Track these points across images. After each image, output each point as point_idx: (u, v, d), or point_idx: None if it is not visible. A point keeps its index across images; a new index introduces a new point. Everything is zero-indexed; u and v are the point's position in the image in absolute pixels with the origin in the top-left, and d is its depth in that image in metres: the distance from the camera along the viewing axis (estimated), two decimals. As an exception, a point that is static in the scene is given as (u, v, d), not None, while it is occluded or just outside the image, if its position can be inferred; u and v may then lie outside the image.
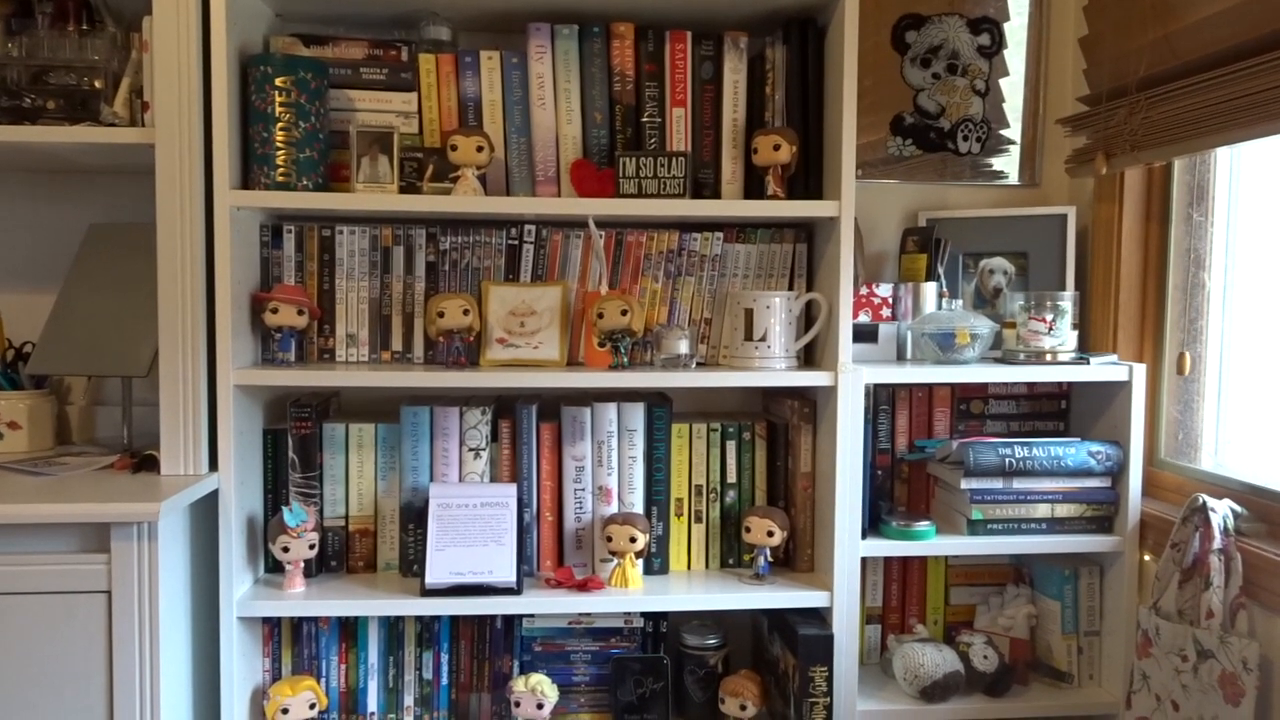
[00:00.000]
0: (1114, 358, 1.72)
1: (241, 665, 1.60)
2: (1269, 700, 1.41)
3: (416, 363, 1.73)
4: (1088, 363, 1.69)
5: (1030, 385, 1.83)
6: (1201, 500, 1.47)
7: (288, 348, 1.65)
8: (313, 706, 1.64)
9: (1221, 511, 1.46)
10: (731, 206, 1.63)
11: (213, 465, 1.56)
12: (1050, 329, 1.70)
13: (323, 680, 1.71)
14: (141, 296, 1.67)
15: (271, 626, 1.71)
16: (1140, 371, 1.67)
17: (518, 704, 1.66)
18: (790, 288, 1.77)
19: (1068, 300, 1.69)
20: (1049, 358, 1.70)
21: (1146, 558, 1.68)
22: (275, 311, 1.62)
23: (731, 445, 1.77)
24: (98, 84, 1.60)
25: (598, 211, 1.61)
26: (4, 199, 1.83)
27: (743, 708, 1.67)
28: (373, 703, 1.74)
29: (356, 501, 1.72)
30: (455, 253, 1.73)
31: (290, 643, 1.71)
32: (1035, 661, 1.79)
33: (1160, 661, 1.50)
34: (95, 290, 1.71)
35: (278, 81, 1.56)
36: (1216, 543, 1.44)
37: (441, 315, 1.64)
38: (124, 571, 1.37)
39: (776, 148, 1.63)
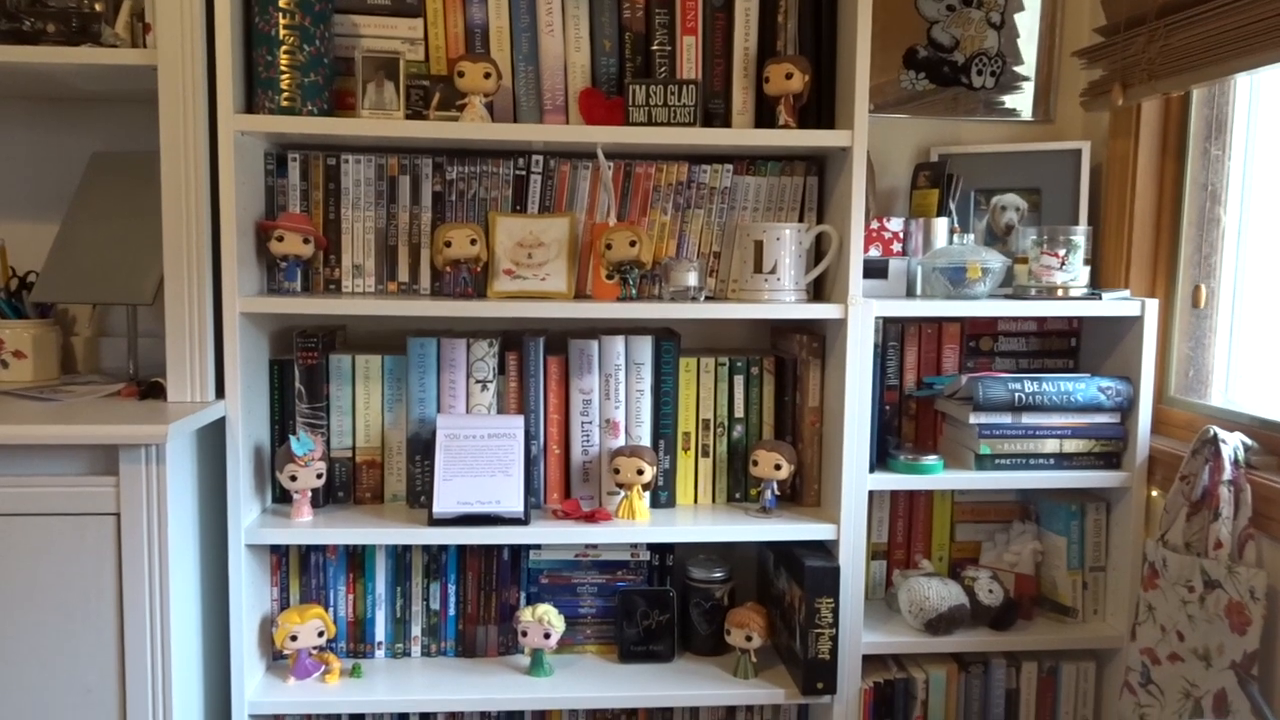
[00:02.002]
0: (1126, 293, 1.71)
1: (250, 593, 1.60)
2: (1275, 628, 1.41)
3: (423, 294, 1.71)
4: (1099, 298, 1.67)
5: (1040, 323, 1.82)
6: (1213, 432, 1.46)
7: (293, 277, 1.64)
8: (321, 635, 1.65)
9: (1232, 443, 1.45)
10: (743, 136, 1.61)
11: (219, 393, 1.56)
12: (1063, 264, 1.68)
13: (330, 610, 1.72)
14: (145, 225, 1.66)
15: (279, 556, 1.71)
16: (1152, 307, 1.66)
17: (524, 634, 1.67)
18: (800, 222, 1.75)
19: (1081, 235, 1.68)
20: (1061, 293, 1.68)
21: (1154, 493, 1.68)
22: (281, 240, 1.60)
23: (739, 380, 1.76)
24: (98, 6, 1.57)
25: (607, 140, 1.59)
26: (5, 128, 1.81)
27: (748, 639, 1.68)
28: (380, 633, 1.75)
29: (363, 433, 1.72)
30: (462, 183, 1.71)
31: (298, 572, 1.72)
32: (1040, 597, 1.79)
33: (1166, 593, 1.50)
34: (98, 219, 1.69)
35: (281, 3, 1.53)
36: (1227, 474, 1.43)
37: (448, 245, 1.62)
38: (132, 494, 1.37)
39: (789, 76, 1.61)
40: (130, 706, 1.40)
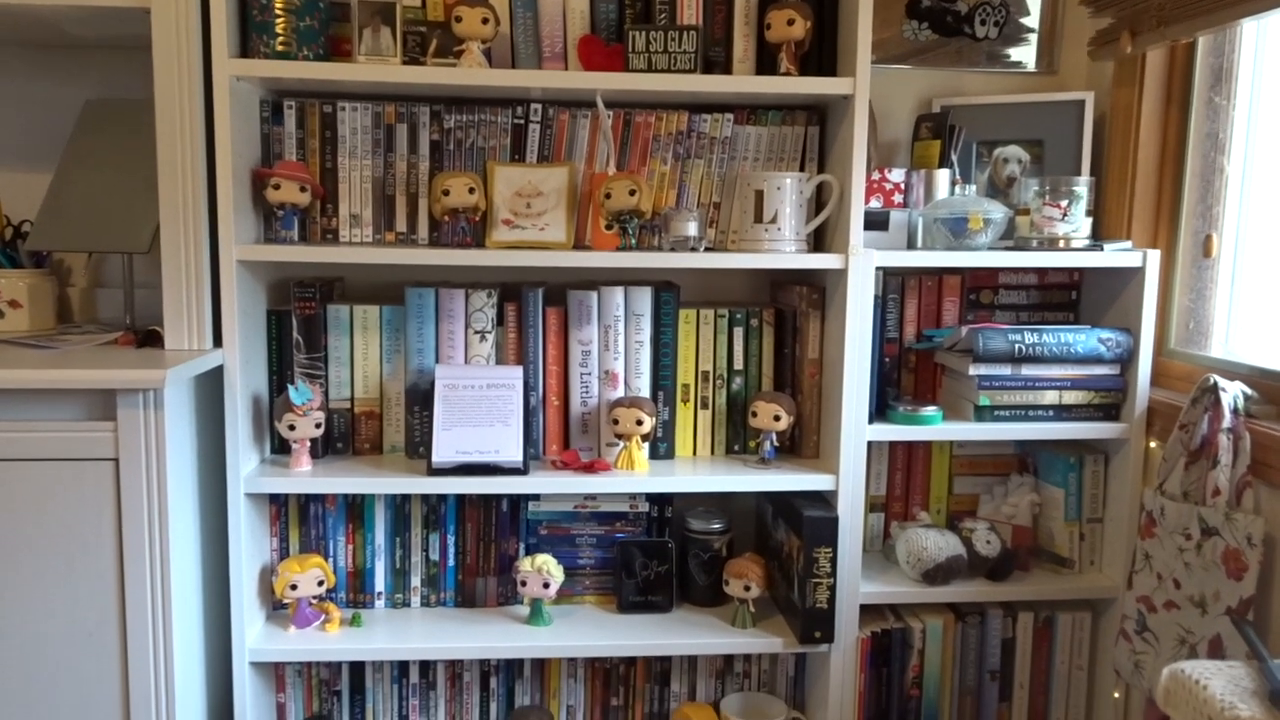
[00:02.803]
0: (1128, 244, 1.70)
1: (250, 543, 1.61)
2: (1271, 574, 1.42)
3: (421, 244, 1.70)
4: (1101, 249, 1.66)
5: (1040, 275, 1.81)
6: (1213, 380, 1.46)
7: (290, 225, 1.62)
8: (321, 584, 1.66)
9: (1232, 392, 1.45)
10: (744, 83, 1.59)
11: (216, 342, 1.55)
12: (1065, 215, 1.67)
13: (330, 561, 1.73)
14: (140, 174, 1.64)
15: (278, 507, 1.71)
16: (1154, 258, 1.65)
17: (524, 583, 1.68)
18: (801, 171, 1.74)
19: (1083, 185, 1.66)
20: (1062, 244, 1.67)
21: (1152, 444, 1.68)
22: (277, 188, 1.59)
23: (739, 332, 1.76)
24: (89, -52, 1.54)
25: (606, 87, 1.58)
26: (-4, 75, 1.79)
27: (746, 589, 1.69)
28: (380, 583, 1.75)
29: (362, 384, 1.71)
30: (460, 131, 1.69)
31: (297, 523, 1.72)
32: (1037, 548, 1.80)
33: (1163, 541, 1.51)
34: (92, 168, 1.67)
35: (276, -55, 1.50)
36: (1226, 422, 1.43)
37: (446, 193, 1.61)
38: (131, 439, 1.37)
39: (790, 22, 1.59)
40: (131, 650, 1.40)
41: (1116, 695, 1.73)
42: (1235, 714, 1.04)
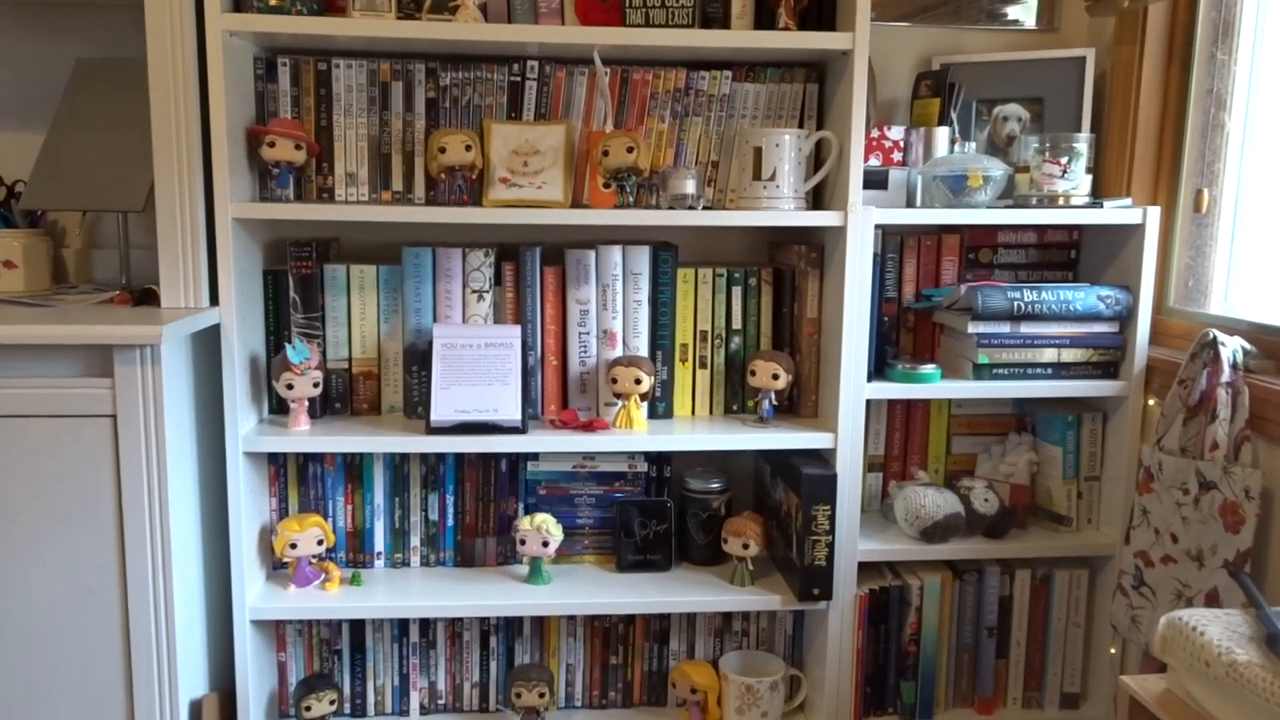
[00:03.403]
0: (1128, 201, 1.69)
1: (249, 502, 1.61)
2: (1268, 527, 1.43)
3: (418, 203, 1.69)
4: (1101, 206, 1.66)
5: (1040, 234, 1.80)
6: (1212, 335, 1.46)
7: (286, 184, 1.61)
8: (320, 543, 1.66)
9: (1232, 346, 1.45)
10: (742, 38, 1.57)
11: (213, 301, 1.54)
12: (1064, 172, 1.66)
13: (330, 521, 1.73)
14: (133, 132, 1.63)
15: (277, 467, 1.71)
16: (1154, 214, 1.64)
17: (523, 542, 1.68)
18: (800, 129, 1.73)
19: (1083, 142, 1.66)
20: (1062, 202, 1.67)
21: (1150, 402, 1.68)
22: (272, 145, 1.58)
23: (737, 291, 1.75)
24: (79, -99, 1.53)
25: (603, 42, 1.56)
26: (-13, 34, 1.77)
27: (745, 546, 1.69)
28: (379, 543, 1.76)
29: (359, 344, 1.71)
30: (456, 89, 1.68)
31: (296, 483, 1.72)
32: (1034, 506, 1.81)
33: (1161, 496, 1.51)
34: (86, 127, 1.66)
35: (268, -103, 1.48)
36: (1225, 376, 1.43)
37: (443, 151, 1.60)
38: (128, 396, 1.36)
39: (789, -24, 1.57)
40: (132, 606, 1.41)
41: (1113, 651, 1.74)
42: (1232, 658, 1.04)
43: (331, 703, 1.68)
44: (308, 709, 1.66)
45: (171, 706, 1.46)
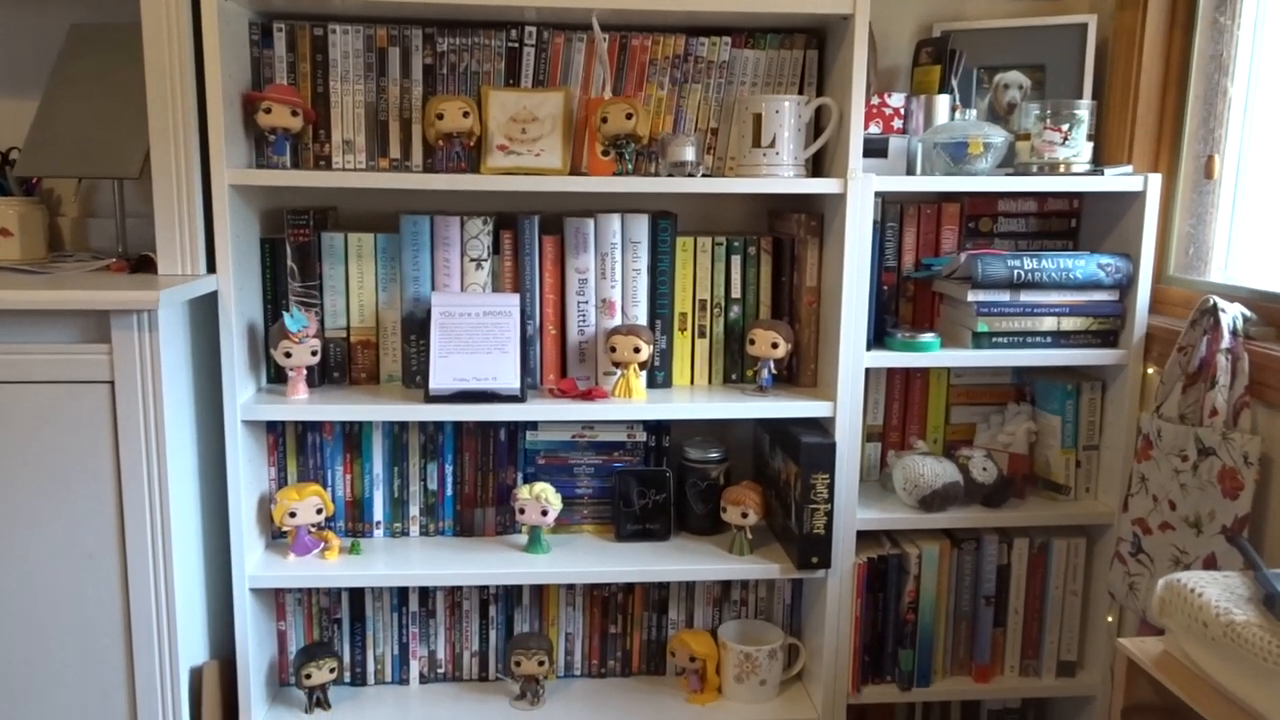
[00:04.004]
0: (1129, 169, 1.68)
1: (248, 471, 1.61)
2: (1267, 493, 1.43)
3: (416, 170, 1.68)
4: (1102, 174, 1.65)
5: (1040, 203, 1.79)
6: (1212, 301, 1.46)
7: (283, 151, 1.60)
8: (319, 512, 1.66)
9: (1232, 313, 1.45)
10: (741, 2, 1.56)
11: (210, 269, 1.54)
12: (1065, 139, 1.65)
13: (329, 490, 1.73)
14: (128, 99, 1.62)
15: (276, 436, 1.71)
16: (1155, 181, 1.64)
17: (522, 511, 1.68)
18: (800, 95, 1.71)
19: (1085, 109, 1.65)
20: (1063, 169, 1.66)
21: (1150, 371, 1.68)
22: (269, 112, 1.56)
23: (736, 260, 1.75)
24: None
25: (602, 6, 1.55)
26: (-21, 1, 1.75)
27: (744, 515, 1.70)
28: (379, 513, 1.76)
29: (358, 313, 1.70)
30: (453, 55, 1.66)
31: (295, 452, 1.72)
32: (1033, 475, 1.81)
33: (1160, 463, 1.51)
34: (80, 93, 1.65)
35: None
36: (1225, 343, 1.43)
37: (441, 117, 1.59)
38: (126, 361, 1.36)
39: (789, -60, 1.55)
40: (131, 572, 1.41)
41: (1110, 619, 1.75)
42: (1230, 618, 1.04)
43: (331, 671, 1.69)
44: (308, 677, 1.67)
45: (172, 673, 1.46)
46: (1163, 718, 1.19)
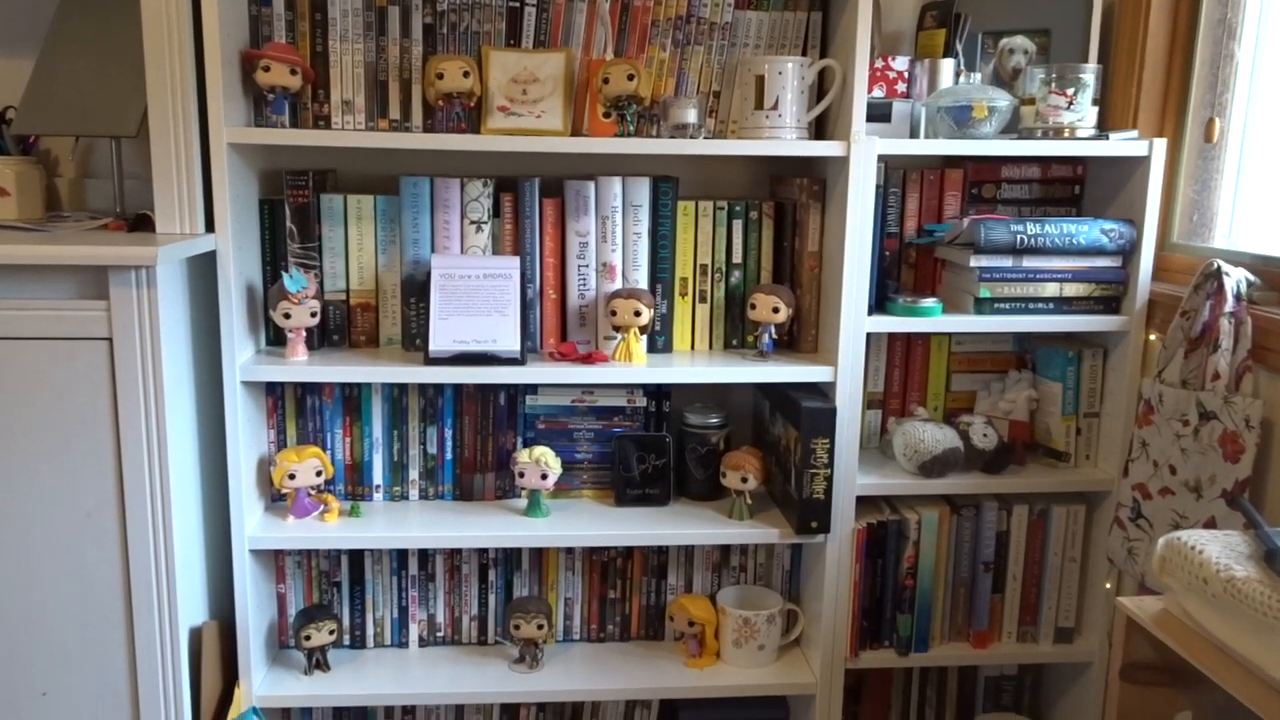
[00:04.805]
0: (1134, 134, 1.67)
1: (247, 432, 1.60)
2: (1268, 457, 1.43)
3: (416, 131, 1.67)
4: (1107, 139, 1.64)
5: (1044, 169, 1.78)
6: (1216, 265, 1.45)
7: (281, 110, 1.59)
8: (319, 474, 1.66)
9: (1236, 277, 1.44)
10: (745, -38, 1.55)
11: (209, 228, 1.53)
12: (1070, 104, 1.64)
13: (328, 453, 1.72)
14: (125, 57, 1.60)
15: (275, 399, 1.71)
16: (1160, 146, 1.63)
17: (522, 474, 1.68)
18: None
19: (1090, 73, 1.63)
20: (1068, 134, 1.65)
21: (1152, 337, 1.67)
22: (267, 70, 1.55)
23: (738, 225, 1.74)
24: None
25: (604, -36, 1.53)
26: (-26, -42, 1.73)
27: (744, 480, 1.69)
28: (378, 476, 1.76)
29: (357, 275, 1.70)
30: (454, 15, 1.65)
31: (294, 415, 1.72)
32: (1033, 442, 1.81)
33: (1160, 428, 1.51)
34: (76, 52, 1.63)
35: None
36: (1228, 306, 1.43)
37: (441, 77, 1.57)
38: (124, 318, 1.35)
39: (794, -102, 1.54)
40: (130, 531, 1.41)
41: (1108, 585, 1.75)
42: (1230, 574, 1.04)
43: (331, 633, 1.69)
44: (307, 638, 1.67)
45: (172, 633, 1.46)
46: (1161, 676, 1.19)
